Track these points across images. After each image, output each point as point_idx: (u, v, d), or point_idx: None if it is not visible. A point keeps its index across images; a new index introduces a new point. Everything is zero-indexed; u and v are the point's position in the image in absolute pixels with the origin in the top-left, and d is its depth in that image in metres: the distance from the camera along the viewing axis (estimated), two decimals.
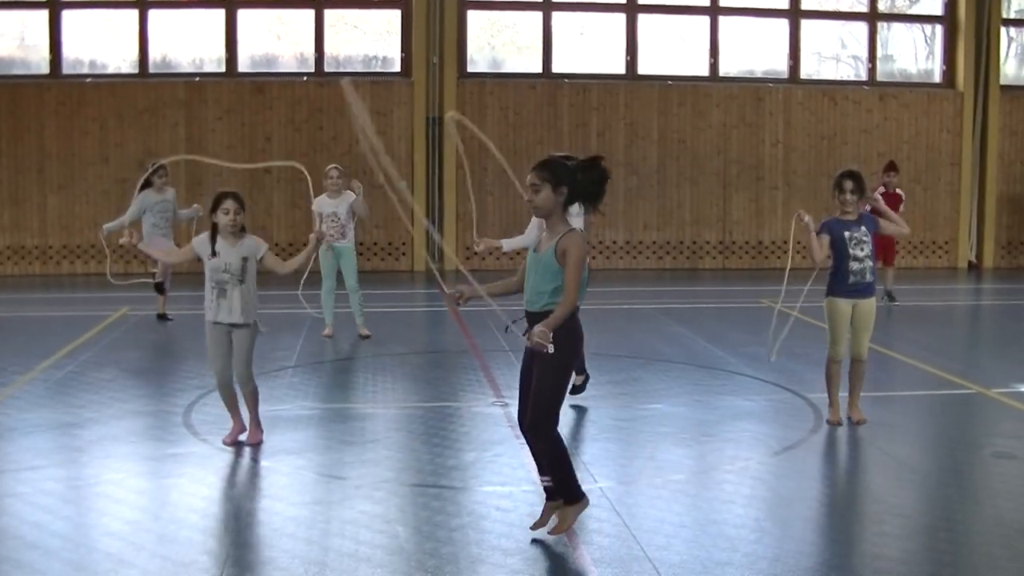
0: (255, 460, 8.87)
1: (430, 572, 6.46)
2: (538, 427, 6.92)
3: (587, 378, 10.80)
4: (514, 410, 7.53)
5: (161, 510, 7.76)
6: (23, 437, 9.59)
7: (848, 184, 9.72)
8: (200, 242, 9.14)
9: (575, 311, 6.90)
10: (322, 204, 14.32)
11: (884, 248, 17.55)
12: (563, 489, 7.07)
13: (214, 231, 9.06)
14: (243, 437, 9.35)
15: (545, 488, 7.20)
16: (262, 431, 9.43)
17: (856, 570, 6.63)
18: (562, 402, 7.01)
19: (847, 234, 9.74)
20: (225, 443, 9.26)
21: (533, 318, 6.92)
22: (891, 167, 18.13)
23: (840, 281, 9.84)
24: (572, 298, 6.77)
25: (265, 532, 7.20)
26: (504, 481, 8.18)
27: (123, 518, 7.45)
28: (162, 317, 15.56)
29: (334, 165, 14.58)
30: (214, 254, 9.00)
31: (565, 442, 7.14)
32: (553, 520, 7.11)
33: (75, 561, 6.63)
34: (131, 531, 7.19)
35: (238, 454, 9.02)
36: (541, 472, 7.22)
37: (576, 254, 6.77)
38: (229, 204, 9.02)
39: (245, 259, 9.03)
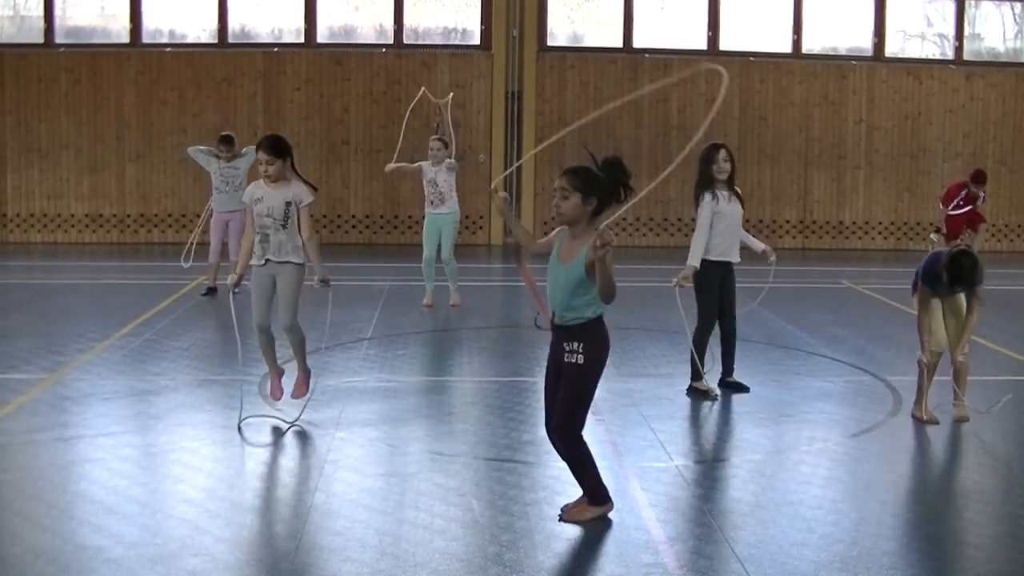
0: (330, 431, 8.86)
1: (504, 546, 6.43)
2: (563, 430, 6.80)
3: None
4: None
5: (236, 479, 7.78)
6: (101, 403, 9.67)
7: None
8: (249, 191, 9.14)
9: (602, 319, 6.75)
10: (425, 170, 14.63)
11: (970, 221, 17.19)
12: (590, 491, 6.94)
13: None
14: (287, 389, 9.43)
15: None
16: (308, 385, 9.42)
17: (935, 555, 6.53)
18: (588, 407, 6.86)
19: (941, 295, 9.38)
20: (272, 398, 9.34)
21: (563, 329, 6.77)
22: (980, 178, 17.20)
23: (927, 287, 9.41)
24: (612, 284, 6.47)
25: (340, 503, 7.19)
26: None
27: (198, 486, 7.49)
28: (212, 291, 15.48)
29: (437, 136, 14.73)
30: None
31: (645, 422, 7.04)
32: (573, 505, 7.03)
33: (152, 527, 6.67)
34: (206, 499, 7.22)
35: (312, 424, 9.02)
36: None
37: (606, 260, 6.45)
38: (260, 156, 8.95)
39: (288, 203, 8.94)
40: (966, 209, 16.89)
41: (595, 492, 6.94)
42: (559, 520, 6.89)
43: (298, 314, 9.18)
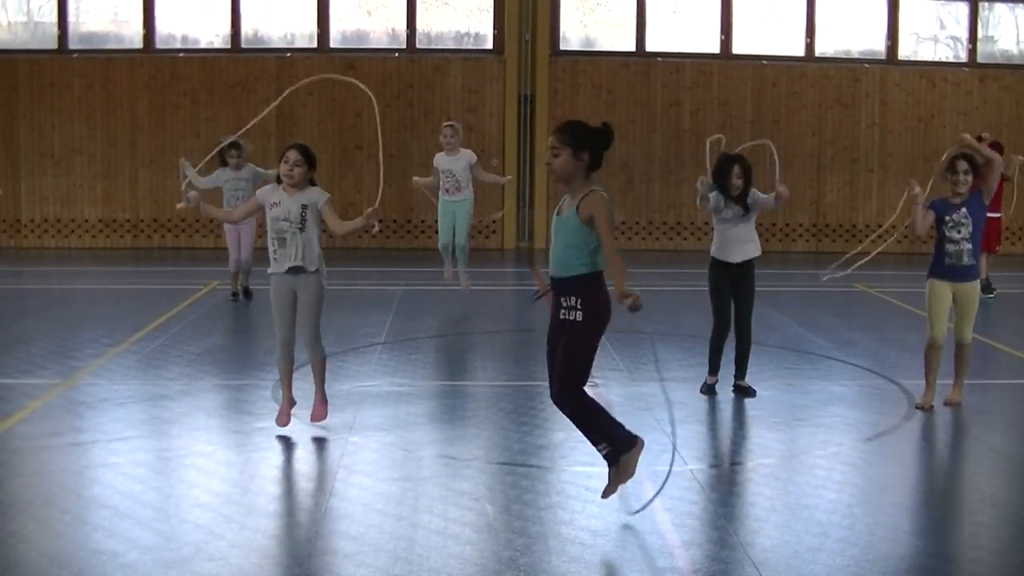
0: (344, 436, 8.86)
1: (519, 551, 6.43)
2: (563, 393, 6.79)
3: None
4: (604, 390, 7.36)
5: (250, 483, 7.79)
6: (115, 408, 9.69)
7: (963, 165, 9.51)
8: (265, 192, 8.99)
9: (601, 275, 6.76)
10: (439, 161, 14.76)
11: (986, 235, 17.15)
12: (613, 441, 6.89)
13: (279, 182, 8.91)
14: (294, 412, 9.08)
15: (605, 456, 7.04)
16: (327, 407, 9.08)
17: (949, 559, 6.52)
18: (589, 368, 6.84)
19: (947, 217, 9.56)
20: (279, 424, 8.92)
21: (559, 284, 6.78)
22: (995, 147, 17.67)
23: (937, 263, 9.69)
24: (618, 260, 6.61)
25: (354, 507, 7.18)
26: (592, 461, 8.05)
27: (212, 490, 7.49)
28: (236, 295, 15.38)
29: (449, 123, 14.76)
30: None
31: (658, 426, 7.01)
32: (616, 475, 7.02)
33: (166, 532, 6.68)
34: (221, 503, 7.23)
35: (327, 430, 9.02)
36: (594, 442, 7.03)
37: (604, 216, 6.60)
38: (290, 154, 8.76)
39: (305, 207, 8.74)
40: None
41: (619, 439, 6.88)
42: (612, 487, 6.97)
43: (320, 330, 9.01)
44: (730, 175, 10.14)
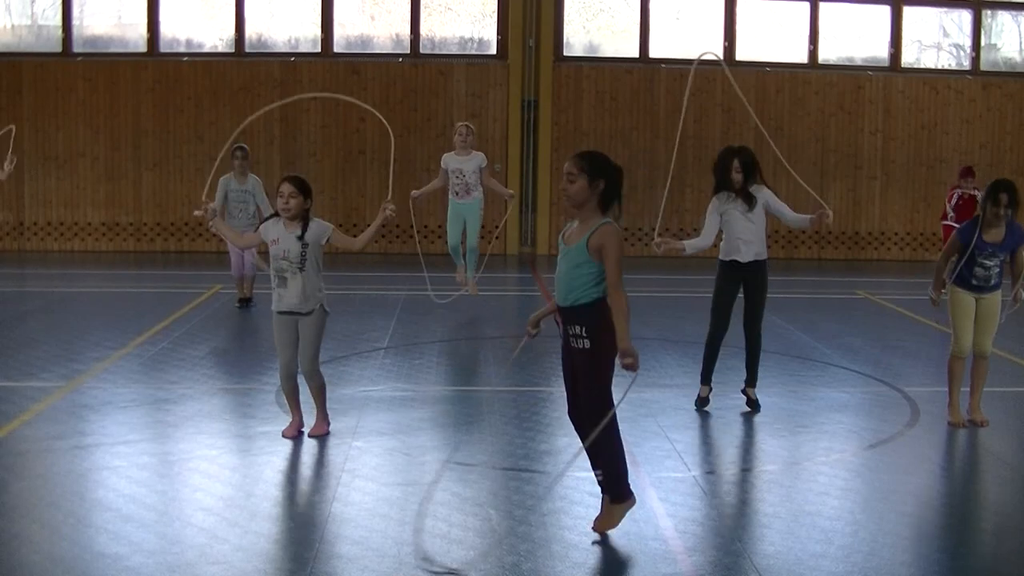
0: (347, 441, 8.86)
1: (522, 556, 6.43)
2: (597, 416, 6.68)
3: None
4: None
5: (254, 487, 7.79)
6: (118, 411, 9.69)
7: (1004, 198, 9.30)
8: (265, 227, 8.93)
9: (606, 302, 6.67)
10: (448, 160, 14.82)
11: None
12: (612, 484, 6.85)
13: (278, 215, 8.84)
14: (305, 429, 9.06)
15: (600, 482, 6.98)
16: (328, 424, 9.11)
17: (952, 567, 6.51)
18: (609, 390, 6.75)
19: (980, 249, 9.42)
20: (285, 435, 8.95)
21: (566, 312, 6.76)
22: (968, 172, 17.89)
23: (964, 278, 9.52)
24: (622, 300, 6.53)
25: (357, 512, 7.19)
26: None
27: (216, 494, 7.51)
28: (244, 301, 15.18)
29: (464, 122, 14.80)
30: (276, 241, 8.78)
31: (662, 432, 7.01)
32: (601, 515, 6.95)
33: (169, 535, 6.69)
34: (224, 507, 7.23)
35: (330, 434, 9.02)
36: (594, 465, 6.97)
37: (615, 250, 6.55)
38: (284, 187, 8.67)
39: (306, 246, 8.71)
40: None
41: (619, 486, 6.84)
42: (592, 528, 6.85)
43: (319, 359, 9.00)
44: (730, 170, 10.21)
